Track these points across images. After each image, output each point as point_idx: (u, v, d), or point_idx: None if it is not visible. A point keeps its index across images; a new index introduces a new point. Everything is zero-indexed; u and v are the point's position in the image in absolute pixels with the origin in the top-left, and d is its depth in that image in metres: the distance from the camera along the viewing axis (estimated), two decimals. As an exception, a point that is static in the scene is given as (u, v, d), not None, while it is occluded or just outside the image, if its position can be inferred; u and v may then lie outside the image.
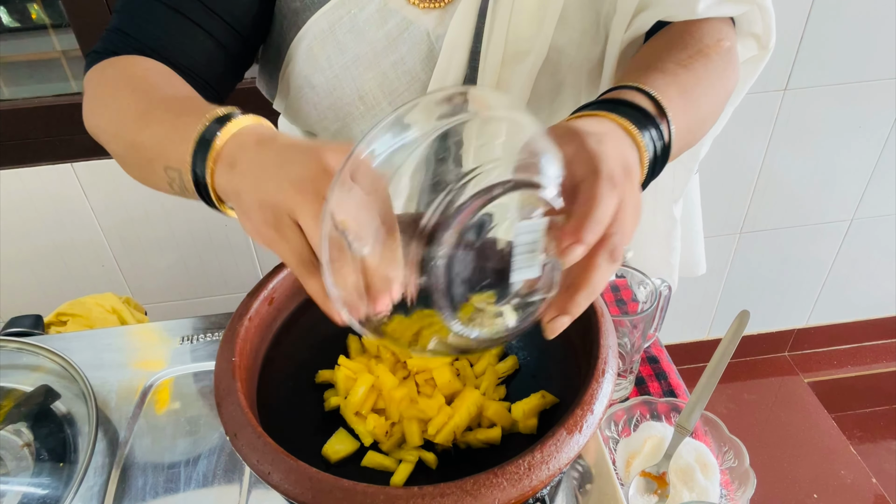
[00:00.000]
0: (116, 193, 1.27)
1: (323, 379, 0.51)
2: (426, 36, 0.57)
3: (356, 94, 0.59)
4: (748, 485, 0.55)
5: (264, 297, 0.48)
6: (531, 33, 0.56)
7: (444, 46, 0.57)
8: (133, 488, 0.54)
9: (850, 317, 1.92)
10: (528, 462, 0.35)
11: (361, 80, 0.58)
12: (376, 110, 0.60)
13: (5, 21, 1.34)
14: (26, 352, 0.63)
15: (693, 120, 0.48)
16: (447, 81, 0.58)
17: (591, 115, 0.42)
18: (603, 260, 0.35)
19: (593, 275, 0.35)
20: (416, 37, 0.57)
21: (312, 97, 0.60)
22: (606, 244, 0.34)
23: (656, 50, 0.53)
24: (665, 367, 0.71)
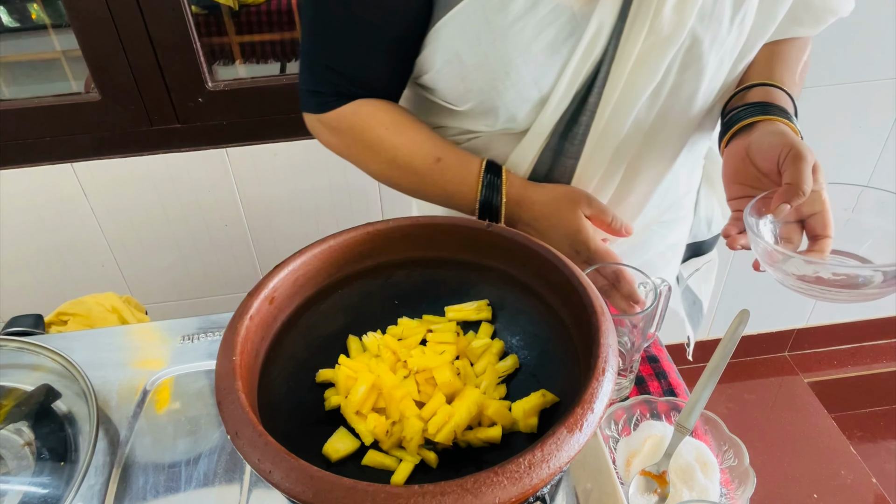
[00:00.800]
0: (116, 193, 1.27)
1: (323, 378, 0.51)
2: (572, 15, 0.60)
3: (503, 70, 0.62)
4: (748, 484, 0.55)
5: (265, 297, 0.48)
6: (674, 20, 0.60)
7: (590, 25, 0.60)
8: (134, 487, 0.54)
9: (850, 317, 1.92)
10: (528, 461, 0.35)
11: (509, 56, 0.61)
12: (520, 85, 0.63)
13: (5, 21, 1.34)
14: (27, 351, 0.63)
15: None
16: (591, 56, 0.61)
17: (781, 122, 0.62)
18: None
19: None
20: (562, 15, 0.60)
21: (461, 71, 0.64)
22: None
23: (788, 58, 0.70)
24: (665, 367, 0.71)
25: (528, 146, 0.69)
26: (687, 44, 0.62)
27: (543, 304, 0.52)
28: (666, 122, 0.69)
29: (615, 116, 0.65)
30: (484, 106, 0.66)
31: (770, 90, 0.67)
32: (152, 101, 1.18)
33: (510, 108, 0.65)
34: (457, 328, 0.53)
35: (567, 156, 0.69)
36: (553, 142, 0.68)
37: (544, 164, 0.70)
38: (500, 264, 0.55)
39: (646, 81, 0.63)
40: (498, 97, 0.64)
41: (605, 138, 0.67)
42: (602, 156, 0.68)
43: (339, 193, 1.36)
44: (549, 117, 0.66)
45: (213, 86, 1.19)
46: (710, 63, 0.64)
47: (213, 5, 1.42)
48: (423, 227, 0.56)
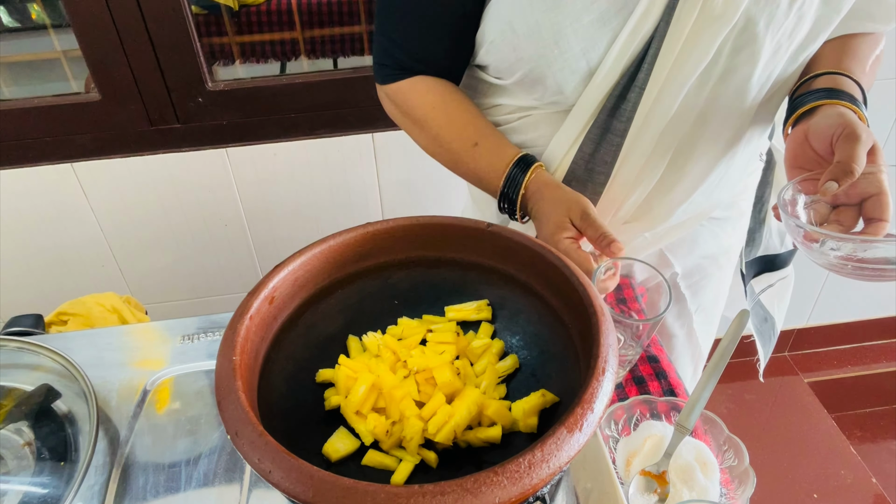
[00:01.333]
0: (116, 193, 1.27)
1: (323, 378, 0.51)
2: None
3: (552, 39, 0.62)
4: (748, 484, 0.55)
5: (265, 296, 0.48)
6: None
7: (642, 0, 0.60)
8: (134, 487, 0.54)
9: (850, 317, 1.92)
10: (528, 460, 0.35)
11: (559, 25, 0.62)
12: (568, 56, 0.63)
13: (5, 21, 1.34)
14: (27, 351, 0.63)
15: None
16: (641, 31, 0.62)
17: (843, 105, 0.62)
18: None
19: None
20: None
21: (513, 40, 0.65)
22: None
23: (858, 51, 0.69)
24: (665, 367, 0.71)
25: (575, 121, 0.69)
26: (741, 24, 0.61)
27: (543, 304, 0.52)
28: (717, 109, 0.68)
29: (664, 95, 0.65)
30: (533, 76, 0.66)
31: (838, 78, 0.66)
32: (152, 101, 1.18)
33: (558, 78, 0.65)
34: (457, 328, 0.53)
35: (614, 133, 0.69)
36: (601, 118, 0.68)
37: (591, 142, 0.70)
38: (500, 264, 0.55)
39: (696, 61, 0.62)
40: (547, 67, 0.64)
41: (652, 117, 0.66)
42: (649, 136, 0.68)
43: (339, 193, 1.36)
44: (595, 91, 0.66)
45: (213, 86, 1.19)
46: (765, 48, 0.63)
47: (213, 5, 1.42)
48: (422, 227, 0.56)
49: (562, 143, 0.72)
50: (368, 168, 1.33)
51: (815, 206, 0.60)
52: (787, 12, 0.61)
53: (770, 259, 0.98)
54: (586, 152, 0.71)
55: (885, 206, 0.56)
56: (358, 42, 1.52)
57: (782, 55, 0.65)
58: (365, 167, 1.32)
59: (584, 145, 0.71)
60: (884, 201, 0.56)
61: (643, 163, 0.71)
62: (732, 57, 0.64)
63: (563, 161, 0.73)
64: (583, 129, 0.70)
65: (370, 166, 1.32)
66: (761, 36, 0.62)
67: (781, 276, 1.00)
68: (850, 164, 0.55)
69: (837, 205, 0.59)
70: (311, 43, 1.51)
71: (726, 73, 0.65)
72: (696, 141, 0.71)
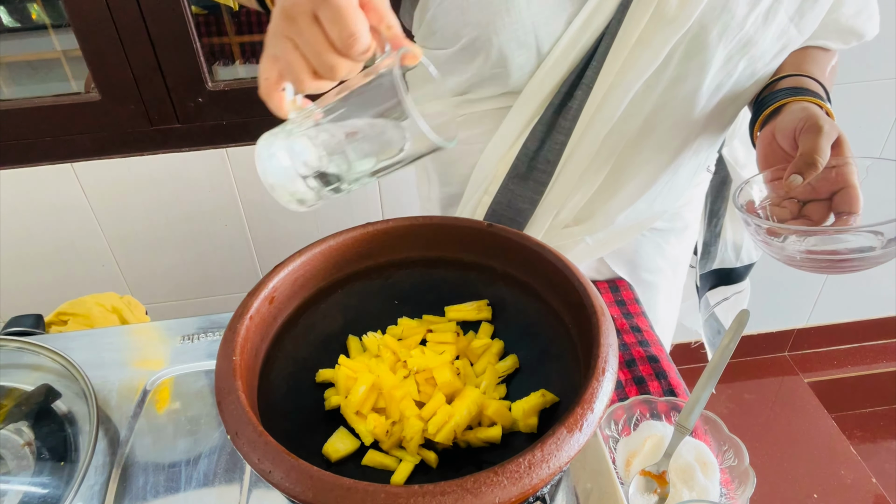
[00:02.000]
0: (116, 193, 1.27)
1: (323, 378, 0.51)
2: None
3: (504, 5, 0.61)
4: (748, 484, 0.55)
5: (265, 296, 0.48)
6: (681, 3, 0.59)
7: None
8: (134, 487, 0.54)
9: (850, 317, 1.92)
10: (528, 461, 0.35)
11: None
12: (517, 26, 0.61)
13: (5, 21, 1.34)
14: (27, 351, 0.63)
15: None
16: (593, 24, 0.61)
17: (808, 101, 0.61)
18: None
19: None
20: None
21: (462, 3, 0.62)
22: None
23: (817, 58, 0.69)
24: (665, 367, 0.71)
25: (520, 115, 0.68)
26: (693, 31, 0.61)
27: (543, 304, 0.52)
28: (665, 116, 0.68)
29: (611, 96, 0.64)
30: (478, 43, 0.64)
31: (801, 78, 0.66)
32: (152, 101, 1.18)
33: (504, 49, 0.63)
34: (457, 328, 0.53)
35: (559, 131, 0.68)
36: (547, 115, 0.67)
37: (536, 139, 0.69)
38: (500, 264, 0.55)
39: (646, 63, 0.62)
40: (494, 34, 0.62)
41: (598, 118, 0.66)
42: (594, 137, 0.67)
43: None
44: (542, 83, 0.65)
45: (213, 86, 1.19)
46: (717, 57, 0.63)
47: (213, 5, 1.42)
48: (422, 227, 0.56)
49: (506, 137, 0.70)
50: (368, 168, 1.32)
51: (785, 203, 0.59)
52: (741, 24, 0.61)
53: (725, 273, 0.98)
54: (530, 149, 0.70)
55: (855, 199, 0.54)
56: (358, 42, 1.51)
57: (734, 66, 0.65)
58: (365, 167, 1.32)
59: (529, 141, 0.70)
60: (852, 194, 0.54)
61: (587, 164, 0.70)
62: (683, 63, 0.63)
63: (507, 155, 0.72)
64: (527, 123, 0.69)
65: (370, 166, 1.32)
66: (713, 45, 0.62)
67: (737, 290, 0.99)
68: (813, 156, 0.54)
69: (807, 200, 0.58)
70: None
71: (676, 79, 0.65)
72: (642, 147, 0.70)
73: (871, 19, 0.69)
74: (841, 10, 0.67)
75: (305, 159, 0.44)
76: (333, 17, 0.38)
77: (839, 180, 0.55)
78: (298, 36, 0.40)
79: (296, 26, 0.40)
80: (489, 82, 0.68)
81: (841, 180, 0.55)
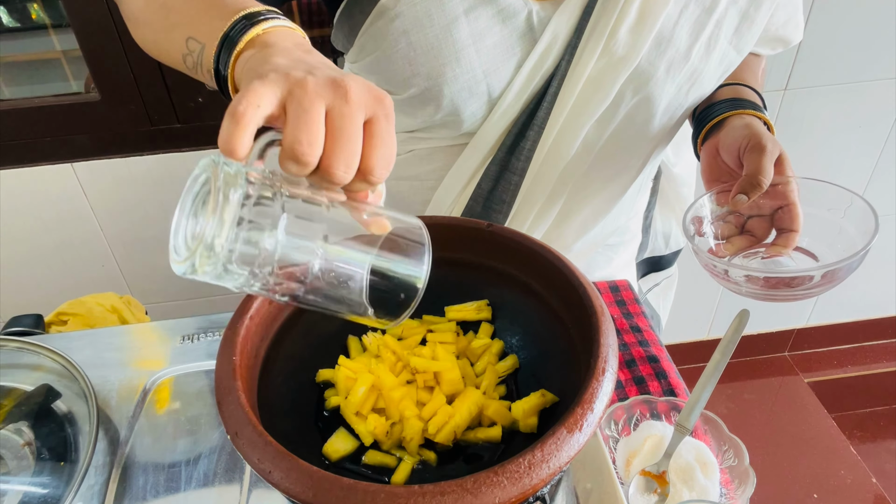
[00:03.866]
0: (116, 193, 1.27)
1: (323, 378, 0.51)
2: (530, 15, 0.60)
3: (454, 56, 0.60)
4: (748, 484, 0.55)
5: (265, 296, 0.48)
6: (629, 42, 0.60)
7: (545, 35, 0.60)
8: (134, 487, 0.54)
9: (850, 317, 1.92)
10: (528, 461, 0.35)
11: (462, 42, 0.59)
12: (468, 76, 0.61)
13: (5, 21, 1.34)
14: (27, 351, 0.63)
15: None
16: (543, 66, 0.61)
17: (749, 114, 0.63)
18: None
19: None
20: (520, 13, 0.59)
21: (408, 53, 0.61)
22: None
23: (750, 64, 0.71)
24: (665, 367, 0.71)
25: (472, 157, 0.68)
26: (642, 67, 0.61)
27: (543, 304, 0.52)
28: (619, 149, 0.68)
29: (563, 135, 0.64)
30: (428, 94, 0.62)
31: (738, 88, 0.68)
32: (152, 101, 1.18)
33: (455, 99, 0.62)
34: (457, 328, 0.53)
35: (512, 171, 0.68)
36: (500, 155, 0.67)
37: (489, 179, 0.69)
38: (500, 264, 0.55)
39: (597, 102, 0.62)
40: (445, 85, 0.61)
41: (551, 157, 0.66)
42: (548, 175, 0.67)
43: (339, 193, 1.36)
44: (494, 126, 0.64)
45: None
46: (666, 90, 0.64)
47: (213, 5, 1.42)
48: (423, 227, 0.56)
49: (459, 177, 0.70)
50: (368, 168, 1.32)
51: (729, 219, 0.62)
52: (686, 55, 0.62)
53: (656, 260, 1.00)
54: (484, 189, 0.70)
55: (795, 217, 0.57)
56: (358, 42, 1.52)
57: (683, 95, 0.66)
58: (365, 167, 1.32)
59: (483, 182, 0.69)
60: (793, 212, 0.57)
61: (542, 201, 0.70)
62: (633, 98, 0.64)
63: (461, 197, 0.71)
64: (480, 165, 0.68)
65: (370, 166, 1.32)
66: (662, 79, 0.63)
67: (667, 276, 1.02)
68: (758, 177, 0.56)
69: (751, 216, 0.61)
70: (310, 43, 1.51)
71: (629, 114, 0.65)
72: (595, 179, 0.71)
73: (797, 27, 0.72)
74: (771, 20, 0.68)
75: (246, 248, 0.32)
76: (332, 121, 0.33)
77: (780, 197, 0.58)
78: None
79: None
80: (440, 128, 0.67)
81: (782, 197, 0.58)
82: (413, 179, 0.74)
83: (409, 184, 0.75)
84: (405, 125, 0.69)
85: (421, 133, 0.70)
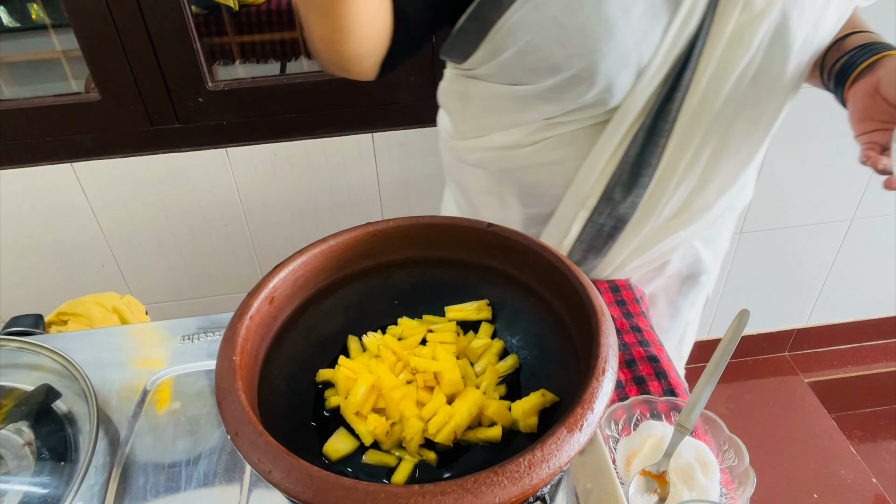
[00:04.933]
0: (116, 193, 1.27)
1: (323, 378, 0.51)
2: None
3: (606, 31, 0.61)
4: (748, 484, 0.55)
5: (265, 297, 0.48)
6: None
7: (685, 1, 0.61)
8: (134, 487, 0.54)
9: (850, 317, 1.92)
10: (528, 460, 0.35)
11: (612, 17, 0.61)
12: (621, 48, 0.62)
13: (5, 21, 1.34)
14: (27, 351, 0.63)
15: None
16: (687, 28, 0.63)
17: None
18: None
19: None
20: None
21: (560, 36, 0.62)
22: None
23: (859, 20, 0.74)
24: (665, 367, 0.71)
25: (620, 127, 0.69)
26: (777, 19, 0.63)
27: (543, 304, 0.52)
28: (757, 100, 0.70)
29: (708, 93, 0.66)
30: (583, 73, 0.64)
31: (867, 34, 0.70)
32: (152, 101, 1.18)
33: (610, 74, 0.64)
34: (457, 328, 0.53)
35: (660, 134, 0.69)
36: (647, 122, 0.69)
37: (637, 144, 0.70)
38: (500, 264, 0.55)
39: (739, 57, 0.64)
40: (601, 60, 0.63)
41: (697, 115, 0.68)
42: (693, 133, 0.69)
43: (339, 193, 1.36)
44: (641, 93, 0.66)
45: (213, 86, 1.19)
46: (797, 40, 0.65)
47: (213, 5, 1.42)
48: (423, 227, 0.56)
49: (604, 149, 0.71)
50: (368, 168, 1.33)
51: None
52: (814, 3, 0.64)
53: None
54: (632, 156, 0.71)
55: None
56: (358, 42, 1.51)
57: (808, 46, 0.67)
58: (365, 167, 1.32)
59: (631, 149, 0.71)
60: None
61: (687, 160, 0.71)
62: (768, 50, 0.65)
63: (607, 167, 0.72)
64: (625, 134, 0.70)
65: (370, 166, 1.32)
66: (794, 29, 0.64)
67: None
68: None
69: None
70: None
71: (765, 66, 0.67)
72: (733, 134, 0.72)
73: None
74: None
75: None
76: None
77: None
78: None
79: None
80: (587, 108, 0.69)
81: None
82: (554, 164, 0.75)
83: (548, 169, 0.76)
84: (543, 113, 0.71)
85: (561, 118, 0.71)
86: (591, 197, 0.75)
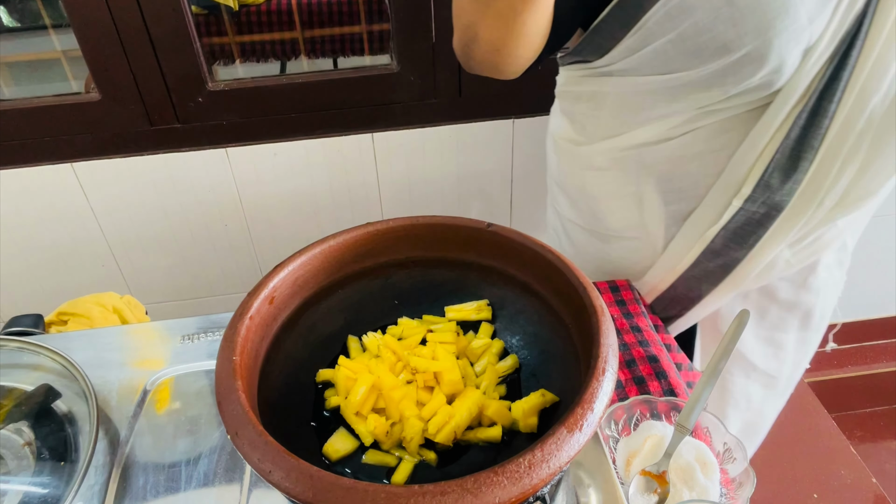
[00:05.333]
0: (116, 193, 1.27)
1: (323, 378, 0.51)
2: None
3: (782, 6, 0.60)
4: (748, 484, 0.55)
5: (265, 297, 0.48)
6: None
7: None
8: (134, 487, 0.54)
9: (850, 317, 1.92)
10: (528, 460, 0.35)
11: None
12: (795, 25, 0.61)
13: (5, 21, 1.34)
14: (27, 351, 0.63)
15: None
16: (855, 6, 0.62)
17: None
18: None
19: None
20: None
21: (733, 15, 0.61)
22: None
23: None
24: (665, 367, 0.71)
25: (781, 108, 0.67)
26: None
27: (543, 304, 0.52)
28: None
29: (874, 71, 0.64)
30: (755, 53, 0.62)
31: None
32: (152, 101, 1.18)
33: (782, 51, 0.62)
34: (457, 328, 0.53)
35: (824, 115, 0.67)
36: (811, 103, 0.67)
37: (799, 126, 0.68)
38: (500, 264, 0.55)
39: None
40: (776, 37, 0.61)
41: (862, 95, 0.66)
42: (857, 114, 0.67)
43: (339, 193, 1.36)
44: (808, 72, 0.65)
45: (213, 86, 1.19)
46: None
47: (213, 5, 1.42)
48: (423, 227, 0.56)
49: (762, 134, 0.69)
50: (368, 168, 1.33)
51: None
52: None
53: None
54: (793, 138, 0.69)
55: None
56: (358, 42, 1.52)
57: None
58: (365, 167, 1.32)
59: (792, 131, 0.68)
60: None
61: (851, 143, 0.69)
62: None
63: (765, 153, 0.70)
64: (787, 116, 0.68)
65: (370, 166, 1.32)
66: None
67: None
68: None
69: None
70: (311, 43, 1.51)
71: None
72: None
73: None
74: None
75: None
76: None
77: None
78: None
79: None
80: (751, 92, 0.67)
81: None
82: (706, 153, 0.73)
83: (699, 159, 0.74)
84: (697, 101, 0.69)
85: (717, 105, 0.69)
86: (746, 184, 0.72)
